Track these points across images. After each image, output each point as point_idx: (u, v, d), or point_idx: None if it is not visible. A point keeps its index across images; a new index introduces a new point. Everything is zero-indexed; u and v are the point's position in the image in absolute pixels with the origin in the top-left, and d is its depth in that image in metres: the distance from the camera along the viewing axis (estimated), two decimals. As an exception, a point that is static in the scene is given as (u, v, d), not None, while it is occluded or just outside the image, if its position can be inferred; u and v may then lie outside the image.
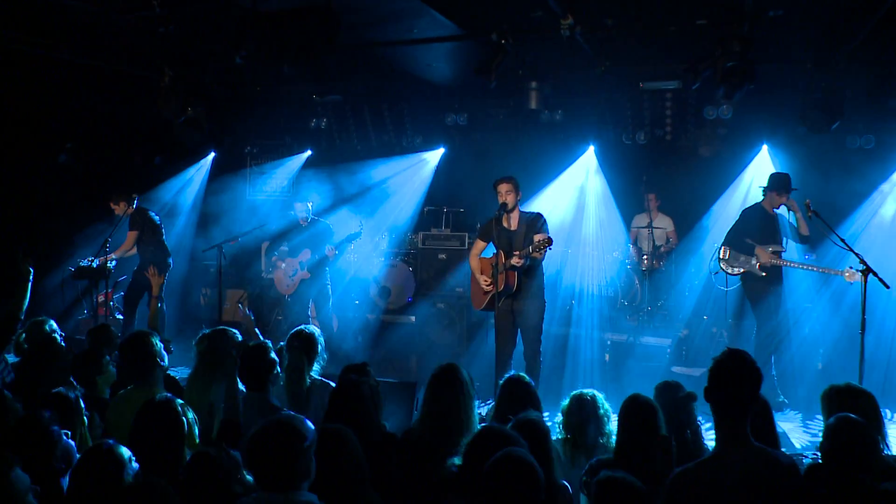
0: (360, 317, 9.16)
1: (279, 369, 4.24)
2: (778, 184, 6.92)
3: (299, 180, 10.57)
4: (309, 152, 10.68)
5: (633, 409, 3.46)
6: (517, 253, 6.15)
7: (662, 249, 9.11)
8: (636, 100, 8.67)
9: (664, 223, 9.34)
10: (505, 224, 6.38)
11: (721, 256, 7.09)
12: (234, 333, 4.45)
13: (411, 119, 9.87)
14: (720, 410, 2.90)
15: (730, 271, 7.01)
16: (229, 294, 9.59)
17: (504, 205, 6.24)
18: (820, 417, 6.29)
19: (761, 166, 8.74)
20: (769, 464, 2.87)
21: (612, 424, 3.82)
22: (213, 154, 10.92)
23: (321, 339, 4.71)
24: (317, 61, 5.49)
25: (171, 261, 8.52)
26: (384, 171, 10.19)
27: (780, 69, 7.42)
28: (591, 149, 9.37)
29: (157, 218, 8.51)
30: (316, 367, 4.64)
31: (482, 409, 5.82)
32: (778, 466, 2.88)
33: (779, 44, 6.76)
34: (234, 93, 9.17)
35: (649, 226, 8.97)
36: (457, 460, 2.85)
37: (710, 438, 4.57)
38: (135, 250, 8.30)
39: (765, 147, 8.68)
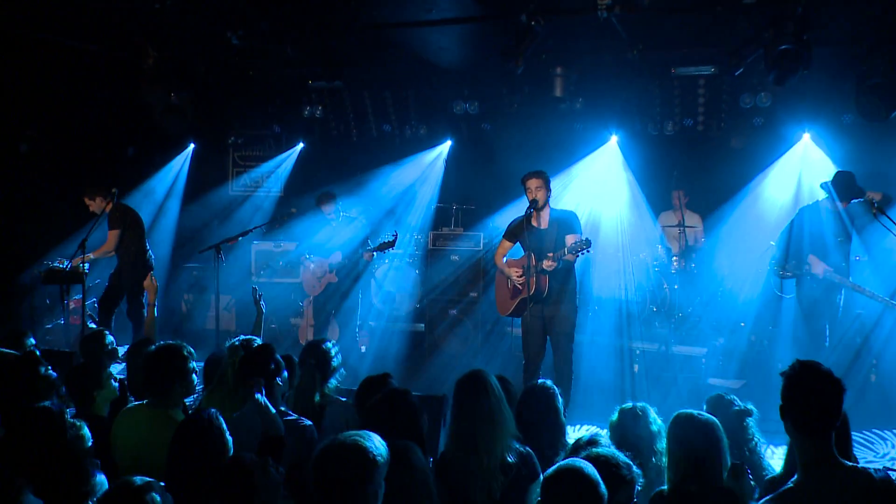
0: (363, 324, 9.09)
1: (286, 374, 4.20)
2: (838, 188, 6.73)
3: (296, 181, 10.50)
4: (301, 144, 10.58)
5: (691, 430, 3.41)
6: (550, 255, 6.11)
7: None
8: (666, 87, 8.64)
9: (693, 221, 9.28)
10: (534, 223, 6.35)
11: (775, 256, 7.12)
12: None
13: (416, 107, 9.73)
14: (801, 430, 2.84)
15: (783, 274, 7.05)
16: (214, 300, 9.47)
17: (534, 202, 6.19)
18: (877, 433, 6.43)
19: (806, 156, 8.74)
20: (866, 484, 2.85)
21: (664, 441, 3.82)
22: (192, 145, 10.79)
23: (337, 354, 4.67)
24: (329, 43, 5.45)
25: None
26: (390, 172, 10.15)
27: (827, 51, 7.30)
28: (615, 139, 9.29)
29: (140, 216, 8.32)
30: (333, 383, 4.62)
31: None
32: (876, 486, 2.86)
33: (830, 24, 6.74)
34: (222, 77, 9.04)
35: (680, 224, 8.89)
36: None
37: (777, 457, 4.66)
38: (114, 252, 8.07)
39: (806, 135, 8.68)
